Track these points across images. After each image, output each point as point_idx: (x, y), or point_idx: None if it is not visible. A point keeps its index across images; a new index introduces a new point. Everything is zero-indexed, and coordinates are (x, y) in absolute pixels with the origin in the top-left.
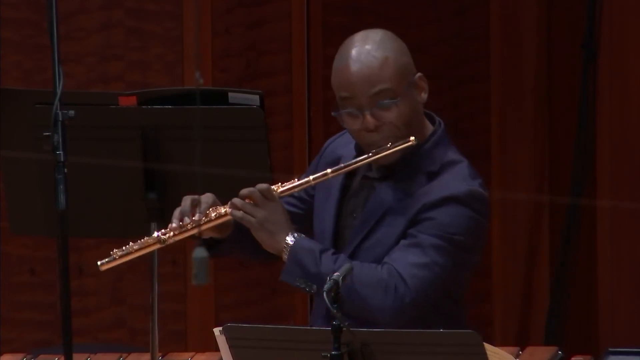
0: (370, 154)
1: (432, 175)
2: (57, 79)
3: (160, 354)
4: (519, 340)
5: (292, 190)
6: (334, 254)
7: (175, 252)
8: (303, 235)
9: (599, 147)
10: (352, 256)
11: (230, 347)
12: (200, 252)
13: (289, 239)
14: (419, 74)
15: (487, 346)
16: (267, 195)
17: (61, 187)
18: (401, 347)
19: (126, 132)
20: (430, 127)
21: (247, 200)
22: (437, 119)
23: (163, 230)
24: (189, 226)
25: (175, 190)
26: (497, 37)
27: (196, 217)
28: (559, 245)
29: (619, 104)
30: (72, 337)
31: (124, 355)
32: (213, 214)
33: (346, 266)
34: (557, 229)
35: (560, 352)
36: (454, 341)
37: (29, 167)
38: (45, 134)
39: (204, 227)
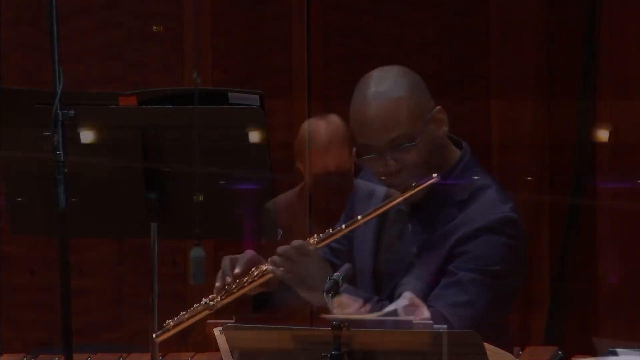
0: (398, 196)
1: (463, 204)
2: (57, 79)
3: (160, 354)
4: (519, 340)
5: (327, 241)
6: (378, 301)
7: (175, 253)
8: (345, 284)
9: (598, 146)
10: (392, 293)
11: (230, 347)
12: (197, 252)
13: None
14: (437, 108)
15: (487, 346)
16: (301, 251)
17: (61, 187)
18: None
19: (126, 132)
20: (456, 153)
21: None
22: (463, 143)
23: (210, 296)
24: (234, 289)
25: (175, 190)
26: (497, 37)
27: (239, 280)
28: (559, 245)
29: (619, 103)
30: (72, 337)
31: (124, 355)
32: (255, 273)
33: (346, 266)
34: (557, 229)
35: (560, 352)
36: (454, 341)
37: (29, 167)
38: (45, 134)
39: (247, 288)
